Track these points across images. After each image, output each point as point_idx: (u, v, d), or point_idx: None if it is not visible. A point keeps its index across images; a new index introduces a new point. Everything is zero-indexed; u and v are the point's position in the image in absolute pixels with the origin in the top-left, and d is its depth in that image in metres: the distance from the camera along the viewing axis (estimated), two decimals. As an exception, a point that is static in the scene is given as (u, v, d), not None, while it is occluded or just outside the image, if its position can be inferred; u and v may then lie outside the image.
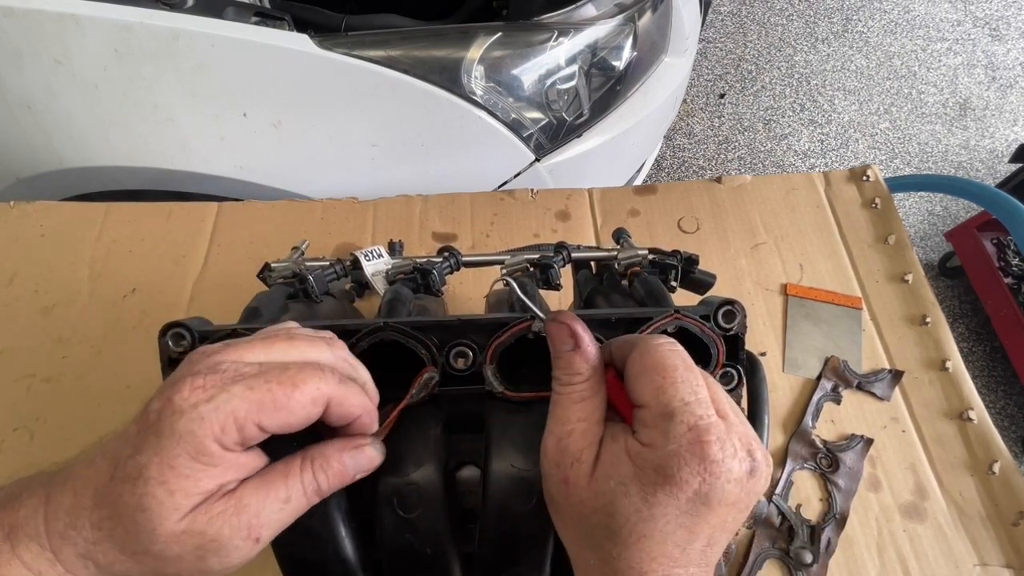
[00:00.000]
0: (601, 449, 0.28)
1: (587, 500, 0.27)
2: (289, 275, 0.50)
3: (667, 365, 0.28)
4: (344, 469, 0.29)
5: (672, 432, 0.26)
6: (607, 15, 1.06)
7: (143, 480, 0.24)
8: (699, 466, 0.25)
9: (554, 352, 0.32)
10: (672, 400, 0.27)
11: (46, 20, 0.81)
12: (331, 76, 0.91)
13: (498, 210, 0.88)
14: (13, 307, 0.77)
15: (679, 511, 0.26)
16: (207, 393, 0.25)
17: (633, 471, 0.27)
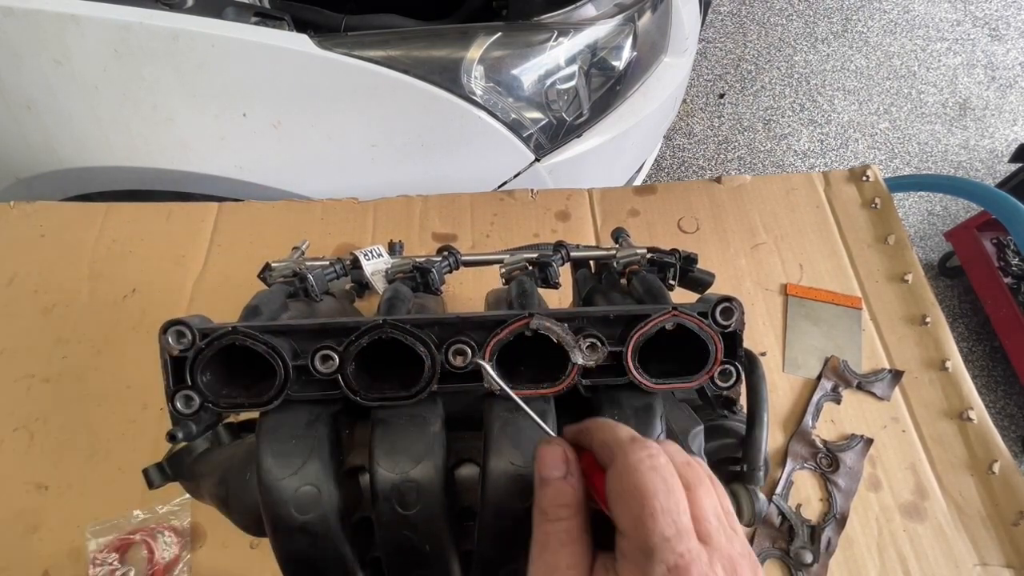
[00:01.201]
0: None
1: None
2: (289, 274, 0.50)
3: (646, 492, 0.26)
4: None
5: (651, 572, 0.25)
6: (607, 15, 1.06)
7: None
8: None
9: (542, 477, 0.30)
10: (651, 535, 0.25)
11: (46, 20, 0.81)
12: (331, 76, 0.91)
13: (498, 210, 0.88)
14: (13, 307, 0.77)
15: None
16: None
17: None
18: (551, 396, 0.35)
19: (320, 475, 0.32)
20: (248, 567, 0.61)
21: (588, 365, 0.35)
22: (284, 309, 0.45)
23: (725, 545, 0.26)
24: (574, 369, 0.35)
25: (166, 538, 0.62)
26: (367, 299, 0.74)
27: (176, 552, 0.62)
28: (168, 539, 0.62)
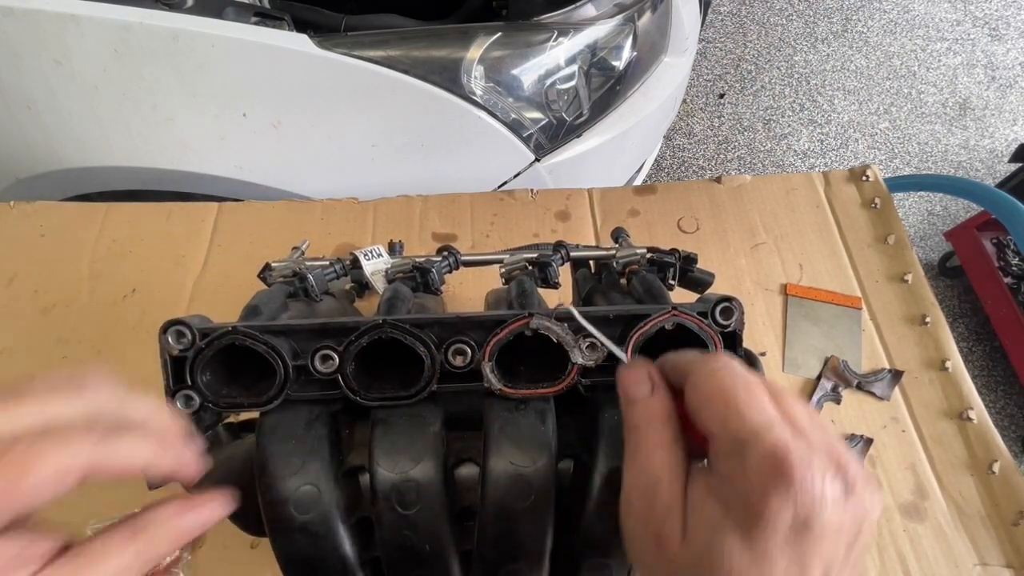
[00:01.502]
0: (688, 495, 0.26)
1: (684, 556, 0.25)
2: (289, 274, 0.50)
3: (728, 389, 0.26)
4: (181, 535, 0.25)
5: (749, 463, 0.24)
6: (607, 15, 1.06)
7: None
8: (786, 493, 0.23)
9: (630, 398, 0.30)
10: (740, 429, 0.25)
11: (46, 20, 0.81)
12: (331, 76, 0.91)
13: (498, 210, 0.88)
14: (13, 307, 0.77)
15: (780, 547, 0.23)
16: None
17: (723, 512, 0.25)
18: (551, 396, 0.36)
19: (320, 475, 0.32)
20: (248, 567, 0.61)
21: (588, 365, 0.35)
22: (284, 309, 0.45)
23: (820, 436, 0.25)
24: (574, 369, 0.35)
25: (166, 538, 0.62)
26: (367, 299, 0.74)
27: (177, 552, 0.62)
28: (168, 539, 0.62)
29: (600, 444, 0.34)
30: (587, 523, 0.34)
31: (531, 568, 0.34)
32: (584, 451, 0.35)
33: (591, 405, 0.36)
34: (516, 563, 0.34)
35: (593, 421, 0.35)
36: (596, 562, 0.35)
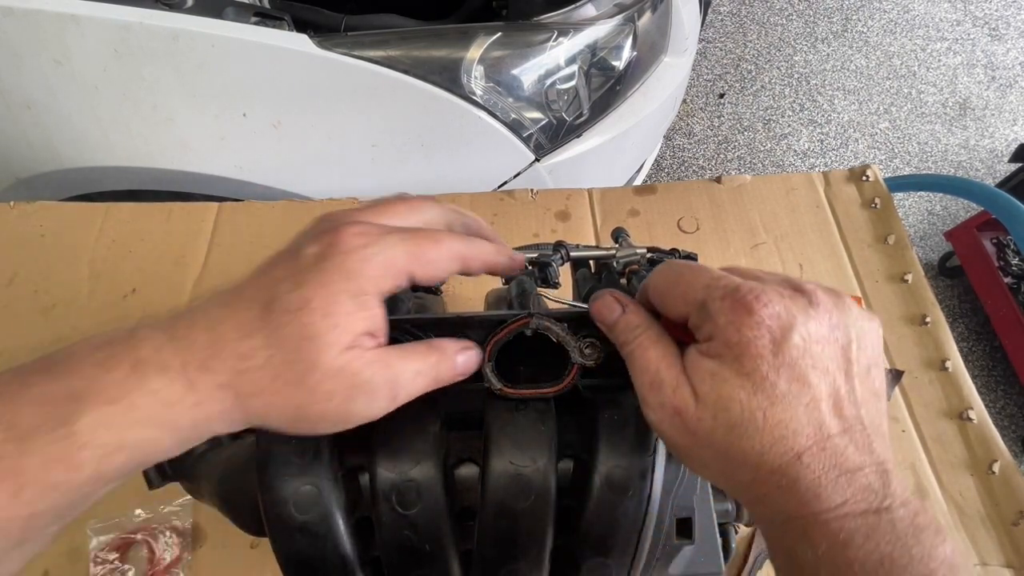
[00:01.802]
0: (687, 372, 0.28)
1: (704, 416, 0.27)
2: (288, 274, 0.50)
3: (675, 275, 0.30)
4: (455, 365, 0.31)
5: (715, 311, 0.27)
6: (607, 15, 1.06)
7: (308, 311, 0.25)
8: (752, 318, 0.25)
9: (608, 324, 0.33)
10: (696, 292, 0.28)
11: (45, 20, 0.81)
12: (331, 76, 0.91)
13: (498, 210, 0.88)
14: (13, 307, 0.77)
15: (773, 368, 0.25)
16: (368, 239, 0.27)
17: (717, 364, 0.27)
18: (551, 396, 0.36)
19: (320, 475, 0.32)
20: (248, 567, 0.61)
21: (588, 365, 0.35)
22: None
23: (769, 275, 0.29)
24: (574, 369, 0.35)
25: (167, 538, 0.62)
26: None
27: (177, 552, 0.62)
28: (169, 539, 0.62)
29: (600, 444, 0.34)
30: (587, 523, 0.34)
31: (531, 568, 0.34)
32: (584, 451, 0.35)
33: (591, 405, 0.36)
34: (516, 563, 0.34)
35: (593, 421, 0.35)
36: (596, 562, 0.35)
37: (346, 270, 0.26)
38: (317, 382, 0.26)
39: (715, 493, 0.46)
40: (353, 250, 0.26)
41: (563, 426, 0.36)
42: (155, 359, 0.24)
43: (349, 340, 0.26)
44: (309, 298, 0.25)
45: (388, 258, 0.27)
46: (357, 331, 0.26)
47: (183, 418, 0.25)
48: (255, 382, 0.25)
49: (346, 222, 0.28)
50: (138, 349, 0.24)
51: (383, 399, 0.28)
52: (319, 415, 0.27)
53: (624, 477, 0.33)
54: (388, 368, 0.27)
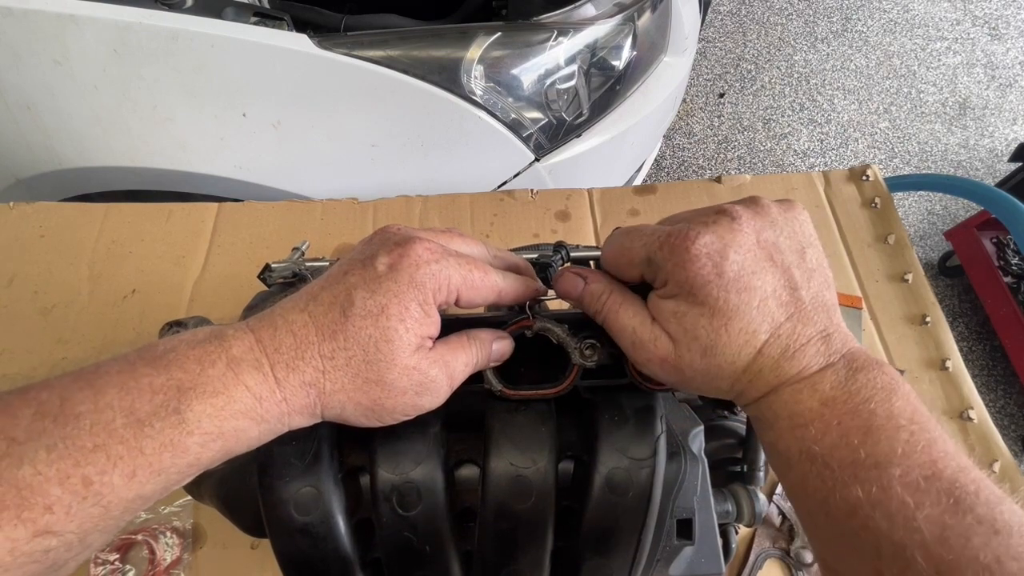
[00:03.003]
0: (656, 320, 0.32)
1: (684, 354, 0.31)
2: (289, 275, 0.50)
3: (616, 246, 0.34)
4: (491, 352, 0.34)
5: (660, 262, 0.31)
6: (606, 15, 1.06)
7: (385, 316, 0.28)
8: (689, 253, 0.29)
9: (575, 298, 0.36)
10: (638, 253, 0.32)
11: (45, 20, 0.81)
12: (331, 76, 0.91)
13: (498, 210, 0.88)
14: (13, 308, 0.77)
15: (722, 288, 0.29)
16: (435, 256, 0.30)
17: (675, 302, 0.31)
18: (551, 397, 0.36)
19: (320, 476, 0.32)
20: (248, 568, 0.61)
21: (588, 366, 0.35)
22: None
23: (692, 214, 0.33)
24: (574, 370, 0.35)
25: (168, 539, 0.62)
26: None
27: (177, 553, 0.62)
28: (170, 540, 0.62)
29: (601, 445, 0.34)
30: (588, 524, 0.34)
31: (531, 569, 0.34)
32: (585, 452, 0.35)
33: (591, 406, 0.36)
34: (516, 564, 0.34)
35: (593, 422, 0.35)
36: (596, 563, 0.35)
37: (416, 281, 0.29)
38: (394, 379, 0.29)
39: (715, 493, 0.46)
40: (423, 263, 0.30)
41: (563, 427, 0.36)
42: (247, 358, 0.27)
43: (417, 342, 0.29)
44: (385, 304, 0.28)
45: (448, 276, 0.30)
46: (423, 334, 0.30)
47: (271, 412, 0.28)
48: (337, 380, 0.28)
49: (414, 237, 0.31)
50: (230, 348, 0.27)
51: (444, 391, 0.32)
52: (392, 408, 0.30)
53: (624, 478, 0.33)
54: (447, 365, 0.31)
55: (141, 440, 0.24)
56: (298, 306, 0.29)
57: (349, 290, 0.29)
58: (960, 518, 0.25)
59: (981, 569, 0.24)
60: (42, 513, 0.22)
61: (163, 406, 0.24)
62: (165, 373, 0.25)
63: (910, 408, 0.28)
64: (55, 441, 0.23)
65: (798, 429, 0.29)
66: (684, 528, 0.39)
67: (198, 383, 0.25)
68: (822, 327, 0.30)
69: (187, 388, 0.25)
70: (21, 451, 0.22)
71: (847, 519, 0.27)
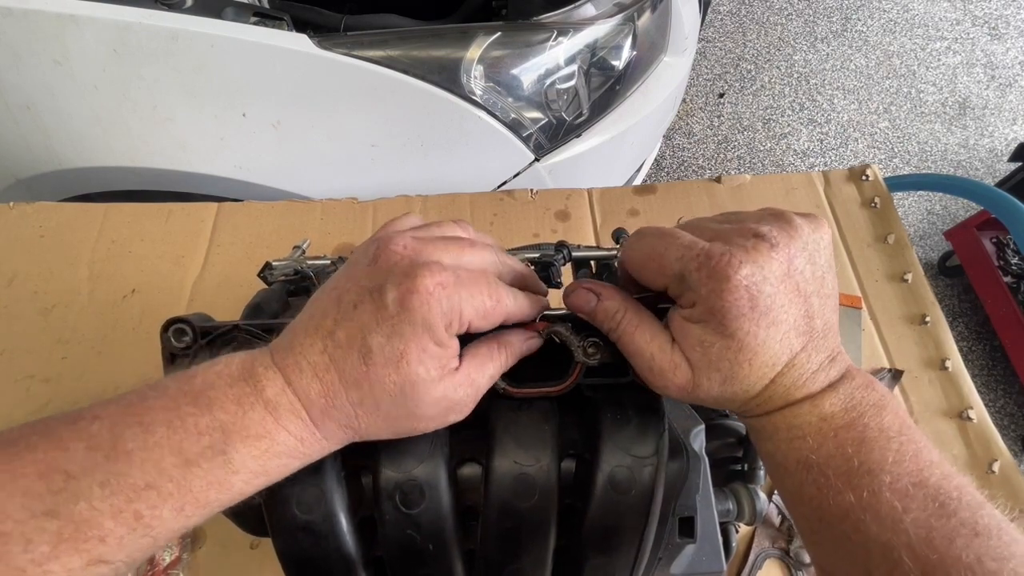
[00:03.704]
0: (677, 343, 0.31)
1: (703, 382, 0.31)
2: (291, 273, 0.50)
3: (646, 250, 0.32)
4: (519, 352, 0.34)
5: (693, 283, 0.30)
6: (606, 15, 1.06)
7: (405, 362, 0.28)
8: (728, 283, 0.28)
9: (587, 315, 0.35)
10: (672, 267, 0.31)
11: (44, 20, 0.81)
12: (330, 76, 0.91)
13: (498, 210, 0.88)
14: (12, 308, 0.77)
15: (754, 322, 0.29)
16: (446, 292, 0.29)
17: (702, 329, 0.30)
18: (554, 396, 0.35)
19: (323, 474, 0.32)
20: (248, 568, 0.61)
21: (591, 364, 0.35)
22: (285, 307, 0.45)
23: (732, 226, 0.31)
24: (577, 369, 0.35)
25: (167, 538, 0.62)
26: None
27: (176, 553, 0.62)
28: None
29: (603, 443, 0.34)
30: (590, 522, 0.34)
31: (534, 567, 0.34)
32: (587, 450, 0.35)
33: (594, 404, 0.36)
34: (519, 562, 0.34)
35: (596, 420, 0.35)
36: (599, 561, 0.35)
37: (430, 323, 0.29)
38: (423, 411, 0.30)
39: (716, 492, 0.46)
40: (434, 301, 0.28)
41: (566, 425, 0.36)
42: (283, 402, 0.28)
43: (440, 374, 0.30)
44: (403, 351, 0.28)
45: (460, 310, 0.30)
46: (445, 365, 0.30)
47: (312, 449, 0.29)
48: (370, 420, 0.30)
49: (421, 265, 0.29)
50: (264, 391, 0.28)
51: (470, 405, 0.32)
52: (423, 429, 0.31)
53: (627, 476, 0.33)
54: (473, 383, 0.31)
55: (190, 479, 0.26)
56: (316, 344, 0.29)
57: (364, 333, 0.28)
58: (944, 521, 0.27)
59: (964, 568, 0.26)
60: (96, 544, 0.24)
61: (210, 447, 0.26)
62: (208, 414, 0.26)
63: (898, 422, 0.30)
64: (108, 477, 0.24)
65: (797, 440, 0.30)
66: (686, 526, 0.39)
67: (241, 426, 0.27)
68: (829, 351, 0.31)
69: (231, 431, 0.26)
70: (77, 487, 0.24)
71: (840, 522, 0.28)
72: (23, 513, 0.23)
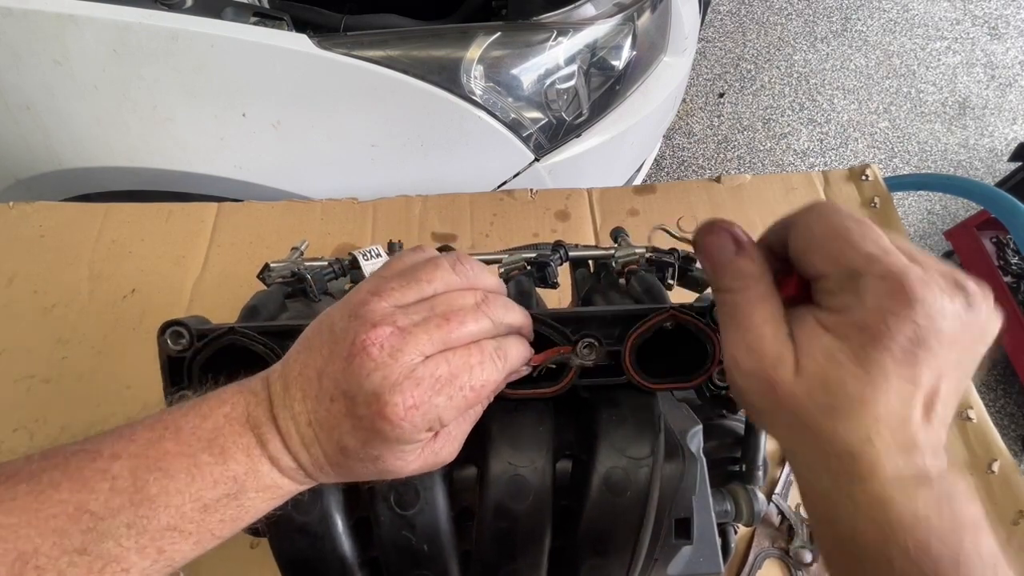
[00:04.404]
0: (796, 338, 0.27)
1: (799, 392, 0.26)
2: (288, 275, 0.50)
3: (838, 227, 0.27)
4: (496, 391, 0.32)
5: (866, 288, 0.25)
6: (606, 15, 1.06)
7: (381, 461, 0.29)
8: (907, 311, 0.24)
9: (715, 263, 0.30)
10: (856, 259, 0.26)
11: (44, 21, 0.81)
12: (330, 76, 0.91)
13: (497, 210, 0.88)
14: (13, 308, 0.77)
15: (896, 363, 0.25)
16: (420, 411, 0.28)
17: (837, 341, 0.26)
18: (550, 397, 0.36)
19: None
20: (248, 567, 0.62)
21: (586, 365, 0.35)
22: (283, 309, 0.45)
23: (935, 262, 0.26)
24: (573, 370, 0.35)
25: (166, 538, 0.62)
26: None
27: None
28: (168, 539, 0.62)
29: (599, 444, 0.34)
30: (586, 523, 0.34)
31: (530, 569, 0.34)
32: (583, 451, 0.35)
33: (590, 405, 0.36)
34: (515, 563, 0.34)
35: (592, 421, 0.35)
36: (595, 562, 0.35)
37: (403, 440, 0.28)
38: (409, 473, 0.31)
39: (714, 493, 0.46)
40: (406, 424, 0.28)
41: (561, 426, 0.36)
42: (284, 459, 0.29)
43: (419, 454, 0.30)
44: (378, 456, 0.29)
45: (438, 418, 0.29)
46: (424, 447, 0.30)
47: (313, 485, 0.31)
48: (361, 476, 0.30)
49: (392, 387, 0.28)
50: (267, 444, 0.29)
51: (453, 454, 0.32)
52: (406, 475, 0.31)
53: (623, 477, 0.33)
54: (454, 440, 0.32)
55: (208, 521, 0.28)
56: (303, 414, 0.29)
57: (340, 432, 0.29)
58: None
59: None
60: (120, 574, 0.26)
61: (226, 495, 0.28)
62: (223, 463, 0.28)
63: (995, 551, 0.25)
64: (134, 519, 0.26)
65: (886, 529, 0.25)
66: (682, 527, 0.39)
67: (252, 478, 0.29)
68: (936, 440, 0.27)
69: (244, 481, 0.28)
70: (105, 527, 0.26)
71: None
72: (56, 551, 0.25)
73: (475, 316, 0.31)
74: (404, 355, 0.28)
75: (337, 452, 0.29)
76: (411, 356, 0.28)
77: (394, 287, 0.31)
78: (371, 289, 0.31)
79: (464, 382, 0.29)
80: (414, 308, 0.30)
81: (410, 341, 0.28)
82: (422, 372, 0.28)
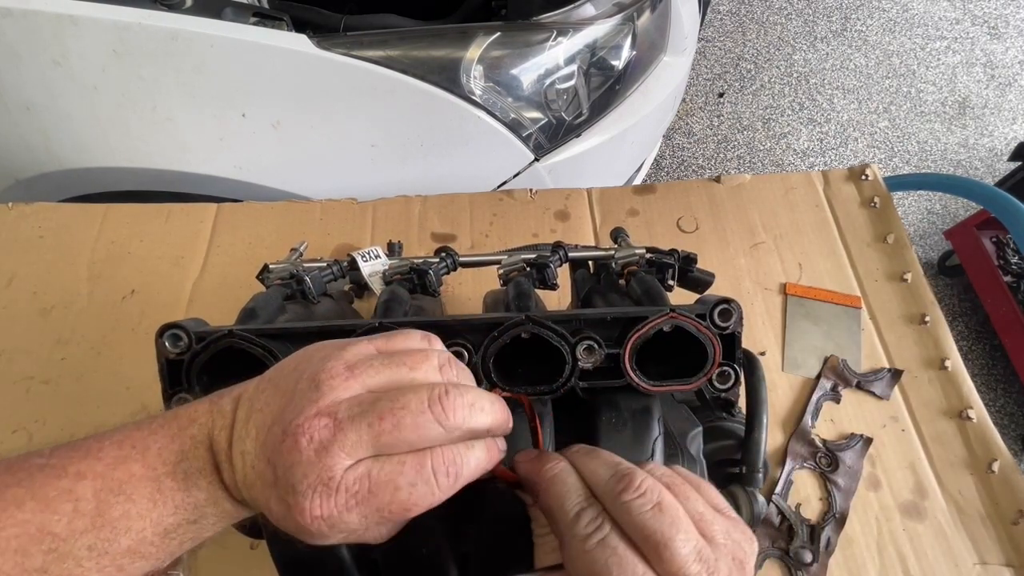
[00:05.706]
0: None
1: None
2: (287, 276, 0.50)
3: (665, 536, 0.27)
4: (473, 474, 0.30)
5: None
6: (606, 14, 1.06)
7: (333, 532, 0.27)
8: None
9: None
10: None
11: (44, 21, 0.81)
12: (330, 76, 0.91)
13: (497, 210, 0.88)
14: (12, 309, 0.77)
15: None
16: (327, 523, 0.26)
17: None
18: (548, 398, 0.35)
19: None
20: (247, 568, 0.61)
21: (585, 367, 0.35)
22: (281, 311, 0.45)
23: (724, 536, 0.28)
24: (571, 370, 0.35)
25: (165, 539, 0.62)
26: (366, 300, 0.74)
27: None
28: (167, 540, 0.62)
29: (598, 444, 0.34)
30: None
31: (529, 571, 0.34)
32: (582, 453, 0.35)
33: (589, 407, 0.36)
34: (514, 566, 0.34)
35: (591, 423, 0.35)
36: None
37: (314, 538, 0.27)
38: None
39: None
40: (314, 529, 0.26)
41: (561, 428, 0.36)
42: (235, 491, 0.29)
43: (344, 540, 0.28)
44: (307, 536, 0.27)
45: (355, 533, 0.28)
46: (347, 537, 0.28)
47: None
48: None
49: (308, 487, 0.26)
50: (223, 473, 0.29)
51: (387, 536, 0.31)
52: None
53: (622, 479, 0.33)
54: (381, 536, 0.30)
55: (168, 543, 0.28)
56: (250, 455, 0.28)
57: (267, 497, 0.27)
58: None
59: None
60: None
61: (186, 520, 0.28)
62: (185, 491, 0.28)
63: None
64: (95, 542, 0.26)
65: None
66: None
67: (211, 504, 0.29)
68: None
69: (203, 508, 0.29)
70: (66, 549, 0.26)
71: None
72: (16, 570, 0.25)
73: (419, 419, 0.27)
74: (327, 456, 0.26)
75: (268, 510, 0.28)
76: (335, 458, 0.26)
77: (373, 367, 0.29)
78: (350, 362, 0.28)
79: (384, 503, 0.26)
80: (365, 398, 0.28)
81: (339, 438, 0.26)
82: (340, 481, 0.26)
